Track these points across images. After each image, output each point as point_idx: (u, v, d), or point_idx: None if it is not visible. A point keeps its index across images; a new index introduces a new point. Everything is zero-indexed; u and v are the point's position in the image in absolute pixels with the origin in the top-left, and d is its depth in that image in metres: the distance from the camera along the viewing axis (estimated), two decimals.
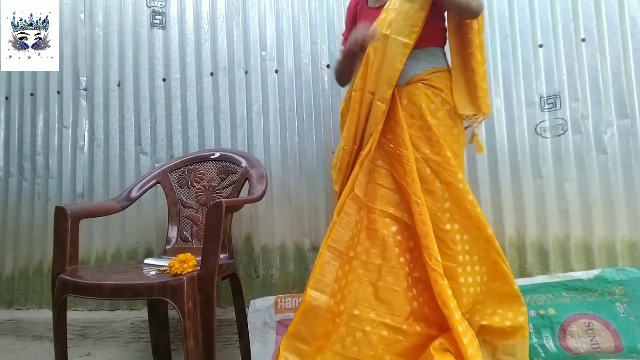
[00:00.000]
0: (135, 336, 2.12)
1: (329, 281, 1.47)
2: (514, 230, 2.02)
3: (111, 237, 2.29)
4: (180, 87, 2.31)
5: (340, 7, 2.21)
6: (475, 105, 1.61)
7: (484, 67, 1.62)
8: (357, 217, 1.56)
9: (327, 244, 1.51)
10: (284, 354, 1.43)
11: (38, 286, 2.32)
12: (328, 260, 1.49)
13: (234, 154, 1.98)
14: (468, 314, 1.50)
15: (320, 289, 1.46)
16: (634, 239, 1.93)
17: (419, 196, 1.49)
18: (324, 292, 1.45)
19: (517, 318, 1.49)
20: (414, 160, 1.53)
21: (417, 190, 1.50)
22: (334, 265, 1.49)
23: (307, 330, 1.44)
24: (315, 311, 1.44)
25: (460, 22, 1.63)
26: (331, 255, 1.50)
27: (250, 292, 2.11)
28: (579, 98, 2.01)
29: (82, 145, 2.36)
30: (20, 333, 2.21)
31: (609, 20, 2.02)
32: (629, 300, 1.77)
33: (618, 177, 1.96)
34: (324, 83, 2.21)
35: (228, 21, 2.30)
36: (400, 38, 1.52)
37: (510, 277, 1.51)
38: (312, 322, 1.44)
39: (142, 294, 1.38)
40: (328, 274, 1.47)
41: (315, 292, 1.45)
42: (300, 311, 1.46)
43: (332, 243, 1.51)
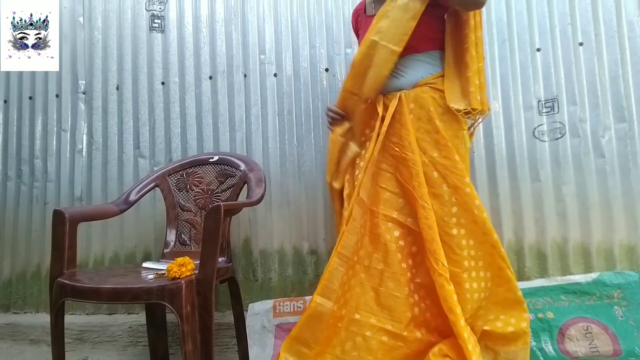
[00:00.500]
0: (133, 340, 2.11)
1: (335, 287, 1.46)
2: (513, 234, 2.02)
3: (109, 240, 2.28)
4: (179, 91, 2.31)
5: (339, 11, 2.22)
6: (467, 100, 1.57)
7: (481, 65, 1.58)
8: (361, 221, 1.55)
9: (337, 250, 1.50)
10: (284, 355, 1.43)
11: (36, 290, 2.32)
12: (336, 267, 1.48)
13: (232, 158, 1.98)
14: (471, 319, 1.49)
15: (327, 296, 1.45)
16: (632, 243, 1.93)
17: (426, 200, 1.48)
18: (330, 298, 1.44)
19: (520, 324, 1.48)
20: (420, 164, 1.52)
21: (424, 194, 1.49)
22: (341, 272, 1.48)
23: (310, 335, 1.43)
24: (319, 317, 1.43)
25: (458, 20, 1.61)
26: (339, 261, 1.48)
27: (248, 296, 2.10)
28: (576, 102, 2.02)
29: (80, 148, 2.35)
30: (17, 337, 2.20)
31: (607, 24, 2.03)
32: (627, 304, 1.77)
33: (616, 180, 1.96)
34: (322, 86, 2.21)
35: (227, 25, 2.30)
36: (391, 46, 1.51)
37: (514, 283, 1.51)
38: (316, 327, 1.43)
39: (140, 297, 1.38)
40: (335, 280, 1.46)
41: (321, 298, 1.44)
42: (305, 316, 1.46)
43: (342, 249, 1.50)
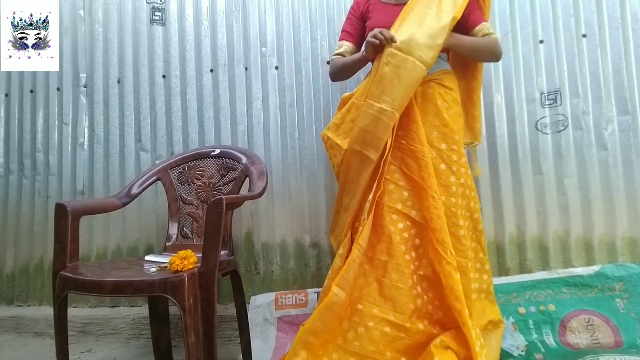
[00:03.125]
0: (136, 333, 2.12)
1: (350, 278, 1.45)
2: (514, 227, 2.02)
3: (111, 234, 2.29)
4: (180, 84, 2.30)
5: (341, 3, 2.20)
6: (472, 134, 1.80)
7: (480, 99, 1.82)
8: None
9: (357, 242, 1.48)
10: (295, 346, 1.42)
11: (39, 283, 2.33)
12: (354, 259, 1.47)
13: (234, 151, 1.97)
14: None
15: (342, 286, 1.44)
16: (634, 235, 1.93)
17: (435, 190, 1.50)
18: (344, 289, 1.44)
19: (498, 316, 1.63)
20: (429, 155, 1.54)
21: (434, 185, 1.50)
22: (357, 263, 1.47)
23: (321, 324, 1.42)
24: (332, 307, 1.42)
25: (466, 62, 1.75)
26: (358, 253, 1.47)
27: (250, 289, 2.11)
28: (579, 94, 2.01)
29: (82, 142, 2.35)
30: (21, 330, 2.22)
31: (610, 15, 2.01)
32: (629, 296, 1.77)
33: (618, 173, 1.96)
34: (324, 79, 2.20)
35: (228, 17, 2.29)
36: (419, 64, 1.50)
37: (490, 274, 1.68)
38: (327, 317, 1.42)
39: (142, 290, 1.39)
40: (352, 271, 1.46)
41: (337, 289, 1.43)
42: (321, 306, 1.44)
43: (362, 241, 1.48)
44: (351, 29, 1.81)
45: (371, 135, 1.52)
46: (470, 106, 1.77)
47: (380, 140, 1.51)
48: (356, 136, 1.57)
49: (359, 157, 1.56)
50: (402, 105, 1.51)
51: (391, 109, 1.49)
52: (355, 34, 1.81)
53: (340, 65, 1.77)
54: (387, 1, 1.75)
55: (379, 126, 1.50)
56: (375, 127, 1.51)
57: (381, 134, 1.51)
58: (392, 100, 1.50)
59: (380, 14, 1.72)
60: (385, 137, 1.51)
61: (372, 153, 1.53)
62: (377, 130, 1.51)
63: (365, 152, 1.54)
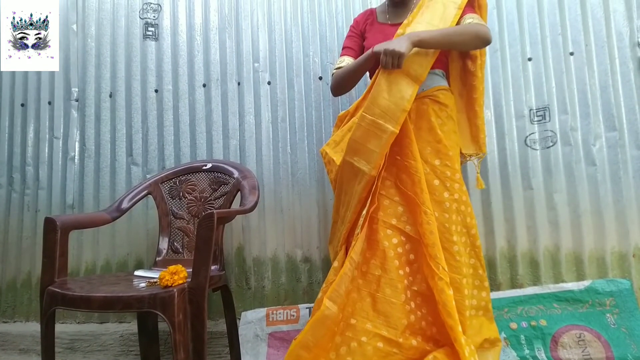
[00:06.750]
0: (124, 349, 2.08)
1: (342, 292, 1.45)
2: (505, 242, 2.03)
3: (101, 248, 2.26)
4: (173, 99, 2.31)
5: (333, 20, 2.24)
6: (477, 145, 1.78)
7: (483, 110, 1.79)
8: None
9: (350, 255, 1.48)
10: None
11: (26, 298, 2.29)
12: (346, 272, 1.46)
13: (226, 165, 1.98)
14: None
15: (334, 299, 1.43)
16: (623, 250, 1.95)
17: (428, 206, 1.50)
18: (336, 302, 1.43)
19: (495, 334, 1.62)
20: (422, 171, 1.55)
21: (426, 200, 1.51)
22: (349, 276, 1.47)
23: (312, 338, 1.41)
24: (324, 320, 1.41)
25: (464, 67, 1.75)
26: (350, 266, 1.47)
27: (241, 304, 2.09)
28: (567, 110, 2.04)
29: (72, 156, 2.34)
30: (6, 347, 2.17)
31: (596, 34, 2.06)
32: (619, 312, 1.78)
33: (607, 188, 1.98)
34: (316, 95, 2.22)
35: (221, 33, 2.31)
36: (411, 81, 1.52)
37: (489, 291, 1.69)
38: (319, 331, 1.41)
39: (131, 306, 1.37)
40: (343, 285, 1.45)
41: (329, 302, 1.42)
42: (313, 319, 1.44)
43: (354, 255, 1.48)
44: (353, 45, 1.83)
45: (360, 146, 1.53)
46: (473, 117, 1.77)
47: (372, 152, 1.51)
48: (348, 147, 1.58)
49: (351, 168, 1.56)
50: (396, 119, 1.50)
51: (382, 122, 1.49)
52: (357, 50, 1.82)
53: (346, 70, 1.73)
54: (383, 22, 1.79)
55: (370, 138, 1.51)
56: (365, 139, 1.52)
57: (373, 147, 1.51)
58: (384, 113, 1.51)
59: (376, 35, 1.75)
60: (378, 150, 1.51)
61: (363, 165, 1.53)
62: (368, 142, 1.51)
63: (356, 164, 1.54)
